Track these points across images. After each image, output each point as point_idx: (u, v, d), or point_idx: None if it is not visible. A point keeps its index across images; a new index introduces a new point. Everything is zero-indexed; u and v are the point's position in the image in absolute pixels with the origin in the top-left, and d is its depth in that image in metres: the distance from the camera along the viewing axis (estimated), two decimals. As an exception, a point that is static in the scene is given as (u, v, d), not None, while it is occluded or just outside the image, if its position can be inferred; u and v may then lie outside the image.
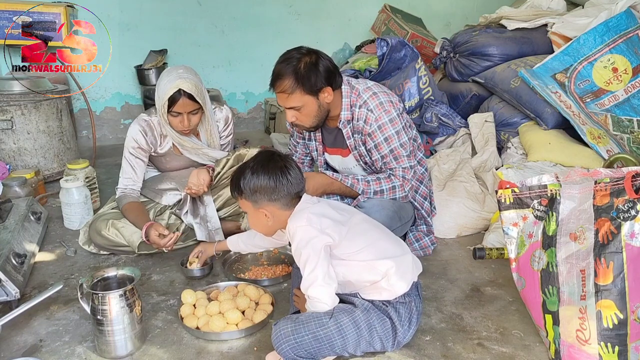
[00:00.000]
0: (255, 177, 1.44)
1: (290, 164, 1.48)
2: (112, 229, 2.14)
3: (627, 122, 2.68)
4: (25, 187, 2.62)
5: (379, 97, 1.96)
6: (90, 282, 1.52)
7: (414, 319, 1.49)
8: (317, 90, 1.85)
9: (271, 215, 1.48)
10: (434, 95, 3.22)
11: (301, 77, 1.80)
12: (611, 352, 1.32)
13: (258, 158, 1.49)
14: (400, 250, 1.52)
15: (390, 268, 1.43)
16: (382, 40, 3.18)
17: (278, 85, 1.84)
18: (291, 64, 1.81)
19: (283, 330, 1.38)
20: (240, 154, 2.31)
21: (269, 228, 1.53)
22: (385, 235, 1.55)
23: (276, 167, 1.45)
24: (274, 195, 1.45)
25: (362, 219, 1.54)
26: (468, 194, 2.43)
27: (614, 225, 1.34)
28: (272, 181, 1.44)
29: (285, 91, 1.82)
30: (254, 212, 1.50)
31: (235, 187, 1.49)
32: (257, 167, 1.46)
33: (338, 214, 1.48)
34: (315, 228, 1.40)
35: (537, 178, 1.51)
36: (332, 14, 4.93)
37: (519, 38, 3.28)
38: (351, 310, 1.42)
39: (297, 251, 1.42)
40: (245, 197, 1.48)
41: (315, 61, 1.83)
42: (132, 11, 4.32)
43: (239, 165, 1.56)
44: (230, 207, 2.32)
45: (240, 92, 4.87)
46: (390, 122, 1.95)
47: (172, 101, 2.04)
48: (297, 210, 1.47)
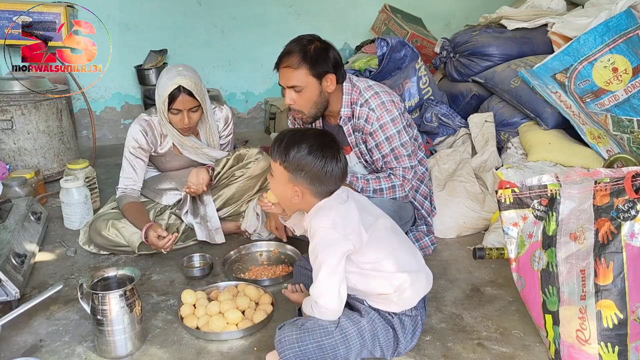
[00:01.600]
0: (310, 156, 1.36)
1: (343, 156, 1.42)
2: (112, 229, 2.14)
3: (627, 122, 2.68)
4: (25, 187, 2.62)
5: (380, 97, 1.96)
6: (90, 282, 1.52)
7: (417, 331, 1.48)
8: (322, 73, 1.86)
9: (301, 196, 1.41)
10: (434, 95, 3.22)
11: (310, 56, 1.83)
12: (611, 352, 1.32)
13: (319, 136, 1.41)
14: (417, 264, 1.48)
15: (405, 282, 1.40)
16: (382, 40, 3.18)
17: (285, 60, 1.85)
18: (301, 44, 1.85)
19: (288, 337, 1.36)
20: (240, 154, 2.31)
21: (289, 204, 1.47)
22: (405, 245, 1.51)
23: (332, 154, 1.38)
24: (317, 181, 1.38)
25: (386, 225, 1.48)
26: (468, 194, 2.43)
27: (614, 225, 1.34)
28: (323, 167, 1.36)
29: (291, 65, 1.83)
30: (284, 183, 1.41)
31: (282, 153, 1.39)
32: (315, 145, 1.37)
33: (364, 216, 1.42)
34: (339, 232, 1.34)
35: (537, 178, 1.51)
36: (332, 14, 4.92)
37: (519, 38, 3.28)
38: (357, 320, 1.40)
39: (314, 251, 1.37)
40: (285, 167, 1.39)
41: (325, 47, 1.87)
42: (132, 11, 4.32)
43: (292, 130, 1.47)
44: (230, 207, 2.32)
45: (240, 92, 4.87)
46: (392, 121, 1.95)
47: (171, 98, 2.05)
48: (324, 205, 1.40)
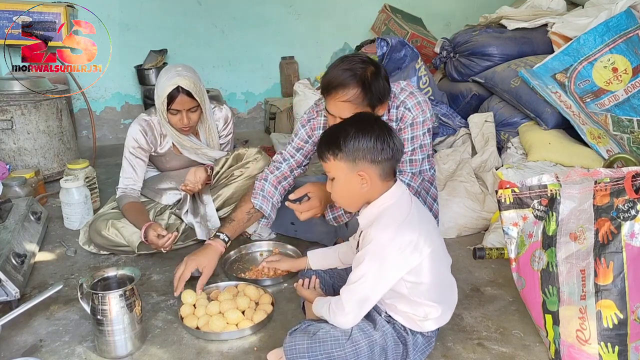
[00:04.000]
0: (361, 135, 1.31)
1: (392, 129, 1.38)
2: (112, 229, 2.14)
3: (627, 122, 2.68)
4: (25, 187, 2.62)
5: (416, 97, 1.88)
6: (90, 282, 1.52)
7: (428, 350, 1.45)
8: (376, 103, 1.71)
9: (369, 180, 1.33)
10: (434, 95, 3.23)
11: (368, 88, 1.66)
12: (611, 352, 1.32)
13: (358, 118, 1.38)
14: (452, 296, 1.46)
15: (434, 313, 1.37)
16: (382, 40, 3.19)
17: (342, 93, 1.66)
18: (356, 73, 1.65)
19: (299, 345, 1.33)
20: (239, 154, 2.31)
21: (358, 197, 1.38)
22: (448, 274, 1.46)
23: (382, 128, 1.34)
24: (380, 157, 1.32)
25: (441, 248, 1.42)
26: (468, 194, 2.43)
27: (614, 225, 1.34)
28: (379, 142, 1.31)
29: (352, 101, 1.66)
30: (347, 175, 1.35)
31: (331, 146, 1.34)
32: (362, 125, 1.33)
33: (426, 233, 1.34)
34: (397, 248, 1.28)
35: (537, 178, 1.51)
36: (332, 14, 4.92)
37: (519, 38, 3.28)
38: (370, 334, 1.35)
39: (362, 256, 1.31)
40: (341, 158, 1.33)
41: (379, 73, 1.70)
42: (132, 11, 4.31)
43: (328, 129, 1.43)
44: (230, 206, 2.31)
45: (240, 92, 4.86)
46: (423, 122, 1.87)
47: (170, 99, 2.05)
48: (386, 210, 1.34)
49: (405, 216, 1.33)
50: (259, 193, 1.98)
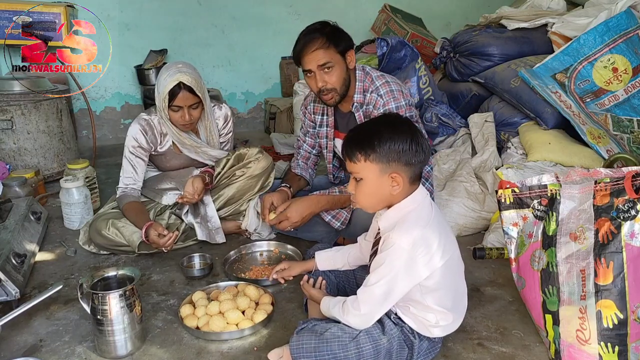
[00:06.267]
0: (397, 137, 1.29)
1: (421, 130, 1.38)
2: (112, 228, 2.14)
3: (627, 122, 2.68)
4: (25, 187, 2.62)
5: (390, 85, 1.98)
6: (90, 282, 1.52)
7: (432, 354, 1.46)
8: (345, 50, 1.91)
9: (400, 182, 1.31)
10: (434, 95, 3.23)
11: (332, 36, 1.88)
12: (611, 352, 1.32)
13: (388, 119, 1.36)
14: (462, 303, 1.46)
15: (445, 320, 1.38)
16: (382, 40, 3.19)
17: (310, 45, 1.86)
18: (318, 28, 1.90)
19: (306, 344, 1.33)
20: (241, 154, 2.31)
21: (384, 199, 1.36)
22: (462, 282, 1.46)
23: (414, 130, 1.32)
24: (414, 159, 1.30)
25: (456, 255, 1.41)
26: (468, 194, 2.43)
27: (614, 225, 1.34)
28: (414, 144, 1.29)
29: (320, 47, 1.86)
30: (379, 178, 1.32)
31: (364, 146, 1.31)
32: (395, 127, 1.31)
33: (446, 240, 1.34)
34: (417, 253, 1.28)
35: (537, 178, 1.51)
36: (332, 14, 4.88)
37: (519, 38, 3.28)
38: (377, 338, 1.35)
39: (382, 259, 1.31)
40: (374, 159, 1.30)
41: (339, 27, 1.94)
42: (132, 11, 4.32)
43: (355, 128, 1.41)
44: (230, 206, 2.32)
45: (240, 92, 4.87)
46: (397, 109, 1.94)
47: (172, 95, 2.04)
48: (408, 215, 1.33)
49: (427, 222, 1.32)
50: (296, 168, 2.30)
